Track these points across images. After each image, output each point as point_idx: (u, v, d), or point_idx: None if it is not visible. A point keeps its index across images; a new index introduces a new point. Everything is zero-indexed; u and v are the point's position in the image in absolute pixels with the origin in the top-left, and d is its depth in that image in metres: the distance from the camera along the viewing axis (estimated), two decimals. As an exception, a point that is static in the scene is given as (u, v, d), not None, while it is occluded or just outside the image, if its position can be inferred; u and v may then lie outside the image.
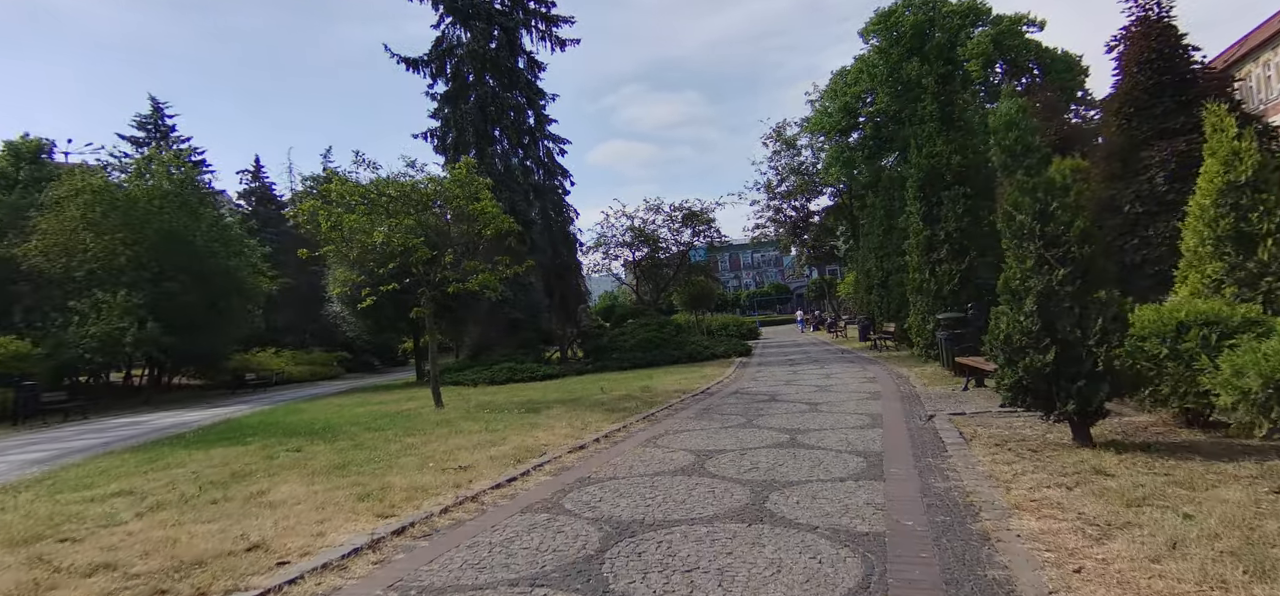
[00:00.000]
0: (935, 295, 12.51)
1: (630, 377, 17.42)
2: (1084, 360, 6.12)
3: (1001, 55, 44.16)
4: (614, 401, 11.58)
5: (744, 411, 9.81)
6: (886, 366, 15.76)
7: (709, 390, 13.07)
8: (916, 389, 11.19)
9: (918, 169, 13.05)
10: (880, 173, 35.70)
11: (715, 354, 22.48)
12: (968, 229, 12.32)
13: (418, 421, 10.52)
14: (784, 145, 50.46)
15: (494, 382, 19.51)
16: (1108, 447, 6.10)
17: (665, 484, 5.71)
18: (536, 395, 14.22)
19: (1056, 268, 6.30)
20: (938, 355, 12.72)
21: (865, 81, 46.11)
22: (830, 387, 12.18)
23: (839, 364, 17.45)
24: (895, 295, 18.90)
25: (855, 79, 47.46)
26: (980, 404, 9.27)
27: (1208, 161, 8.91)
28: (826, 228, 52.16)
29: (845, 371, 15.13)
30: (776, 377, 14.93)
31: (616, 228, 32.87)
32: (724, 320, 41.26)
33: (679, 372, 17.79)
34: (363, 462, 7.13)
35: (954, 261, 12.35)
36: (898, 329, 19.24)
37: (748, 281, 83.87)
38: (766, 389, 12.63)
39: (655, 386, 14.01)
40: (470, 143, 23.06)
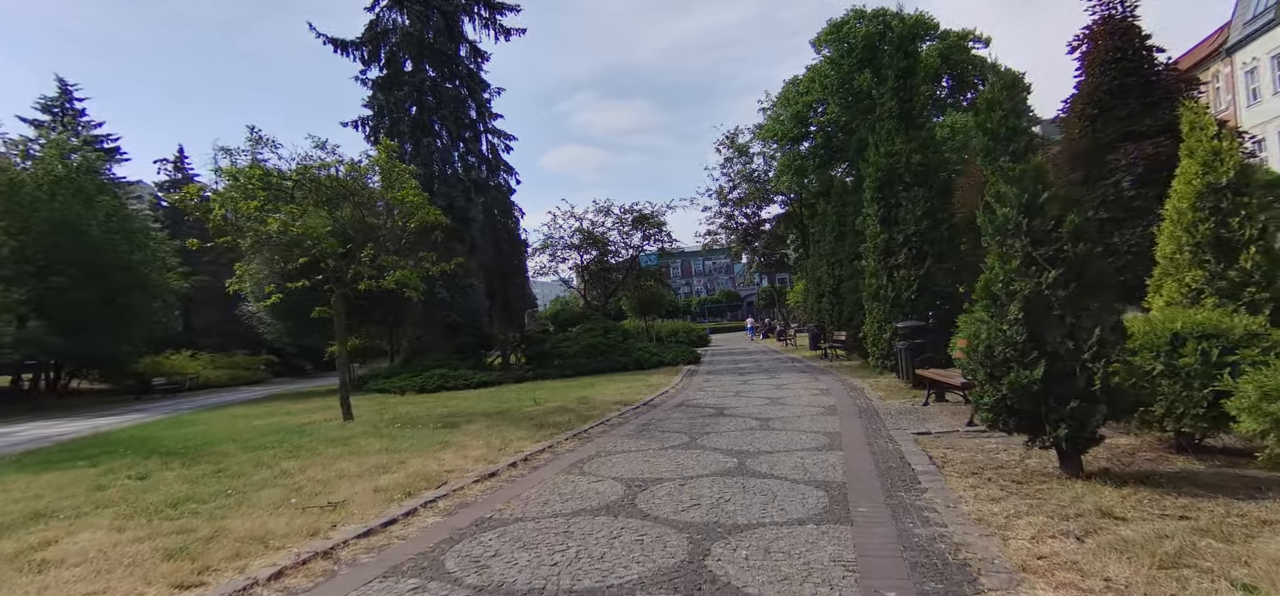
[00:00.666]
0: (893, 302, 11.74)
1: (570, 386, 16.15)
2: (1077, 377, 5.22)
3: (948, 69, 44.77)
4: (545, 415, 10.31)
5: (688, 428, 8.69)
6: (839, 377, 14.96)
7: (652, 402, 11.94)
8: (874, 403, 10.31)
9: (875, 168, 12.28)
10: (831, 182, 35.46)
11: (663, 361, 21.41)
12: (927, 232, 11.59)
13: (312, 438, 9.01)
14: (737, 152, 50.18)
15: (423, 390, 17.92)
16: (1103, 479, 5.21)
17: (584, 529, 4.51)
18: (464, 406, 12.81)
19: (1046, 269, 5.40)
20: (894, 366, 11.95)
21: (817, 91, 46.19)
22: (782, 400, 11.21)
23: (790, 373, 16.60)
24: (847, 303, 18.22)
25: (807, 88, 47.53)
26: (945, 421, 8.41)
27: (1185, 162, 8.29)
28: (777, 235, 52.04)
29: (797, 382, 14.24)
30: (725, 388, 13.92)
31: (564, 229, 31.54)
32: (674, 326, 40.35)
33: (623, 381, 16.62)
34: (209, 497, 5.68)
35: (913, 266, 11.59)
36: (849, 337, 18.56)
37: (699, 288, 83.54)
38: (714, 401, 11.58)
39: (595, 397, 12.79)
40: (405, 133, 21.40)
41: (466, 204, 21.59)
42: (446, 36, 22.67)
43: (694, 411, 10.37)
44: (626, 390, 14.03)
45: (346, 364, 11.72)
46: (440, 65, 22.75)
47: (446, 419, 10.44)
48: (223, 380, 33.79)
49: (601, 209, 31.60)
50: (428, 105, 22.08)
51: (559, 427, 8.96)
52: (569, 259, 32.39)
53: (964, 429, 7.76)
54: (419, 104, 21.86)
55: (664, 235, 31.98)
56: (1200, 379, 5.59)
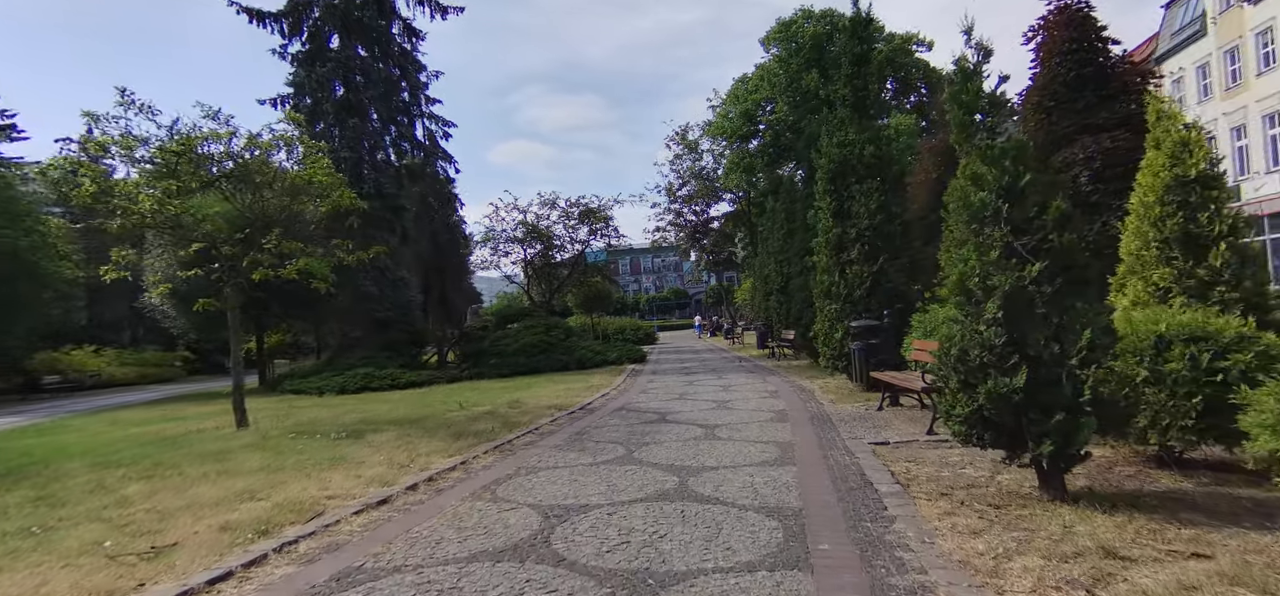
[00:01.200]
0: (845, 299, 11.11)
1: (505, 387, 15.01)
2: (1063, 385, 4.54)
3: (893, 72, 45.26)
4: (468, 422, 9.19)
5: (626, 438, 7.75)
6: (788, 378, 14.33)
7: (590, 406, 10.96)
8: (826, 408, 9.62)
9: (828, 159, 11.65)
10: (779, 180, 35.26)
11: (607, 360, 20.44)
12: (880, 227, 11.01)
13: (184, 452, 7.65)
14: (686, 148, 49.68)
15: (344, 391, 16.43)
16: (1089, 503, 4.54)
17: (477, 583, 3.51)
18: (380, 410, 11.54)
19: (1028, 262, 4.69)
20: (846, 367, 11.33)
21: (765, 89, 46.08)
22: (729, 403, 10.42)
23: (738, 374, 15.90)
24: (796, 301, 17.69)
25: (756, 86, 47.38)
26: (902, 428, 7.74)
27: (1151, 154, 7.84)
28: (726, 234, 51.80)
29: (745, 383, 13.52)
30: (670, 389, 13.07)
31: (507, 222, 30.14)
32: (621, 324, 39.49)
33: (563, 381, 15.57)
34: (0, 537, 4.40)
35: (866, 262, 10.99)
36: (798, 336, 18.02)
37: (648, 286, 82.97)
38: (657, 405, 10.69)
39: (528, 400, 11.72)
40: (329, 113, 19.70)
41: (397, 191, 20.08)
42: (376, 11, 21.04)
43: (634, 417, 9.45)
44: (564, 392, 13.00)
45: (241, 364, 10.28)
46: (370, 42, 21.11)
47: (354, 427, 9.19)
48: (130, 378, 31.00)
49: (546, 202, 30.38)
50: (355, 85, 20.43)
51: (480, 437, 7.88)
52: (512, 253, 31.04)
53: (924, 437, 7.09)
54: (346, 83, 20.21)
55: (611, 230, 30.99)
56: (1188, 386, 5.02)
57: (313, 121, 19.76)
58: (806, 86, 43.28)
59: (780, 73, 44.32)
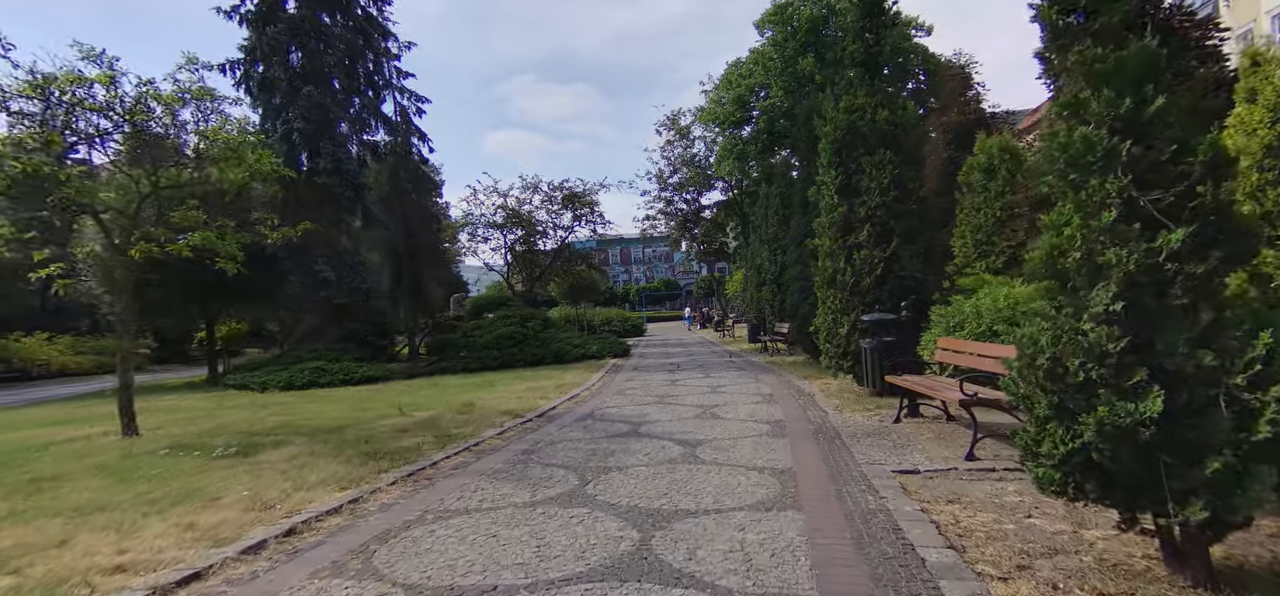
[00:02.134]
0: (852, 289, 9.50)
1: (466, 385, 13.34)
2: (1220, 414, 2.95)
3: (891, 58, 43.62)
4: (394, 434, 7.51)
5: (583, 460, 6.11)
6: (783, 376, 12.73)
7: (553, 411, 9.31)
8: (830, 417, 8.02)
9: (834, 125, 10.01)
10: (773, 169, 33.60)
11: (587, 353, 18.79)
12: (893, 205, 9.39)
13: (17, 473, 5.94)
14: (677, 134, 47.91)
15: (291, 387, 14.70)
16: (1241, 590, 2.95)
17: None
18: (308, 413, 9.85)
19: (1163, 228, 3.07)
20: (851, 366, 9.73)
21: (759, 74, 44.32)
22: (717, 410, 8.80)
23: (728, 372, 14.29)
24: (792, 292, 16.09)
25: (749, 70, 45.58)
26: (930, 448, 6.14)
27: (1242, 110, 6.30)
28: (717, 223, 50.14)
29: (735, 383, 11.91)
30: (650, 390, 11.44)
31: (486, 206, 28.41)
32: (608, 314, 37.82)
33: (532, 378, 13.91)
34: None
35: (877, 246, 9.37)
36: (793, 330, 16.43)
37: (638, 276, 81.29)
38: (632, 412, 9.05)
39: (484, 402, 10.05)
40: (281, 80, 17.86)
41: (358, 168, 18.26)
42: (337, -30, 19.17)
43: (601, 429, 7.80)
44: (528, 392, 11.34)
45: (130, 360, 8.58)
46: (330, 4, 19.23)
47: (259, 437, 7.51)
48: (85, 368, 29.12)
49: (528, 185, 28.68)
50: (313, 50, 18.57)
51: (398, 458, 6.22)
52: (492, 239, 29.31)
53: (963, 464, 5.48)
54: (302, 48, 18.34)
55: (596, 216, 29.28)
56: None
57: (267, 91, 17.94)
58: (802, 71, 41.59)
59: (775, 57, 42.59)
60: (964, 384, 5.77)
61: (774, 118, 43.93)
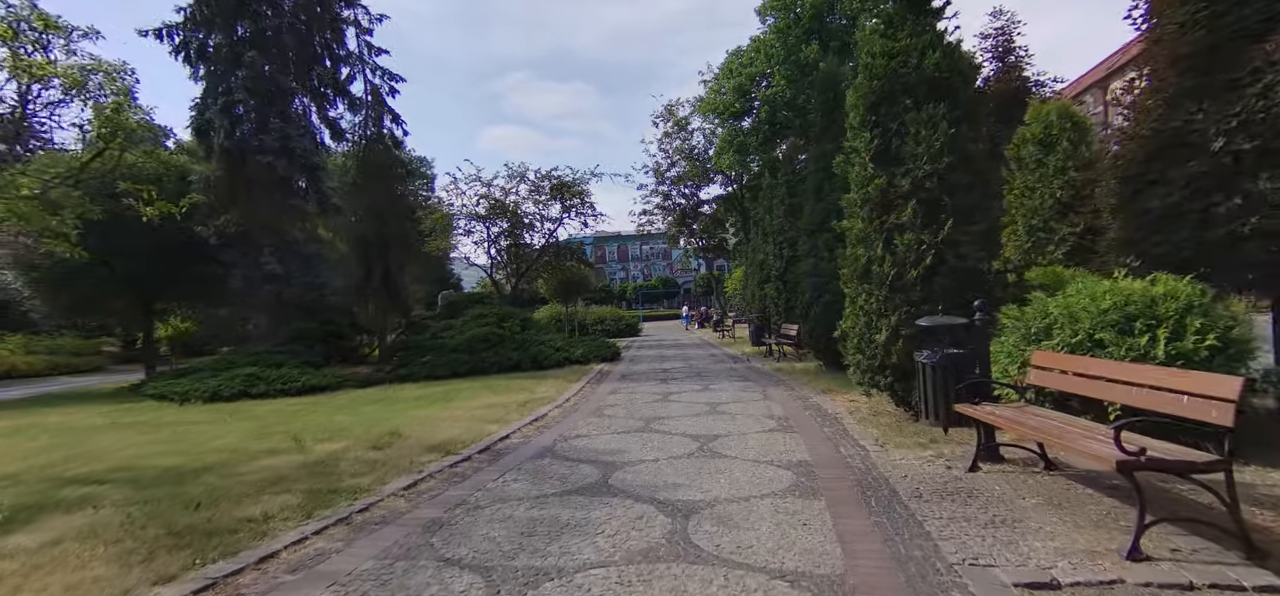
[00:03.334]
0: (892, 284, 7.27)
1: (418, 398, 11.11)
2: None
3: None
4: (260, 488, 5.27)
5: (510, 550, 3.88)
6: (796, 389, 10.50)
7: (502, 443, 7.05)
8: (873, 456, 5.79)
9: (869, 75, 7.77)
10: (775, 163, 31.32)
11: (571, 358, 16.55)
12: (947, 174, 7.16)
13: None
14: (675, 126, 45.66)
15: (217, 397, 12.44)
16: None
17: None
18: (197, 442, 7.60)
19: None
20: (890, 383, 7.48)
21: (761, 63, 42.08)
22: (718, 444, 6.57)
23: (730, 382, 12.06)
24: (803, 289, 13.87)
25: (750, 59, 43.33)
26: (1048, 527, 3.90)
27: None
28: (717, 219, 47.85)
29: (741, 401, 9.67)
30: (635, 409, 9.20)
31: (468, 196, 26.13)
32: (602, 313, 35.66)
33: (500, 390, 11.67)
34: None
35: (926, 228, 7.13)
36: (803, 332, 14.18)
37: (635, 274, 79.04)
38: (606, 445, 6.81)
39: (415, 431, 7.78)
40: (222, 48, 15.56)
41: (310, 149, 15.98)
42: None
43: (557, 477, 5.56)
44: (486, 411, 9.09)
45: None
46: (283, -36, 16.94)
47: (53, 492, 5.26)
48: (38, 368, 26.80)
49: (515, 174, 26.37)
50: (262, 17, 16.27)
51: (218, 543, 3.97)
52: (475, 232, 27.04)
53: (1131, 572, 3.25)
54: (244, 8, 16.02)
55: (587, 208, 27.00)
56: None
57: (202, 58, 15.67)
58: (805, 59, 39.34)
59: (777, 44, 40.37)
60: (1120, 433, 3.52)
61: (776, 108, 41.69)
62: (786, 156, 19.81)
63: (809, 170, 13.81)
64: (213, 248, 15.42)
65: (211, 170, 15.55)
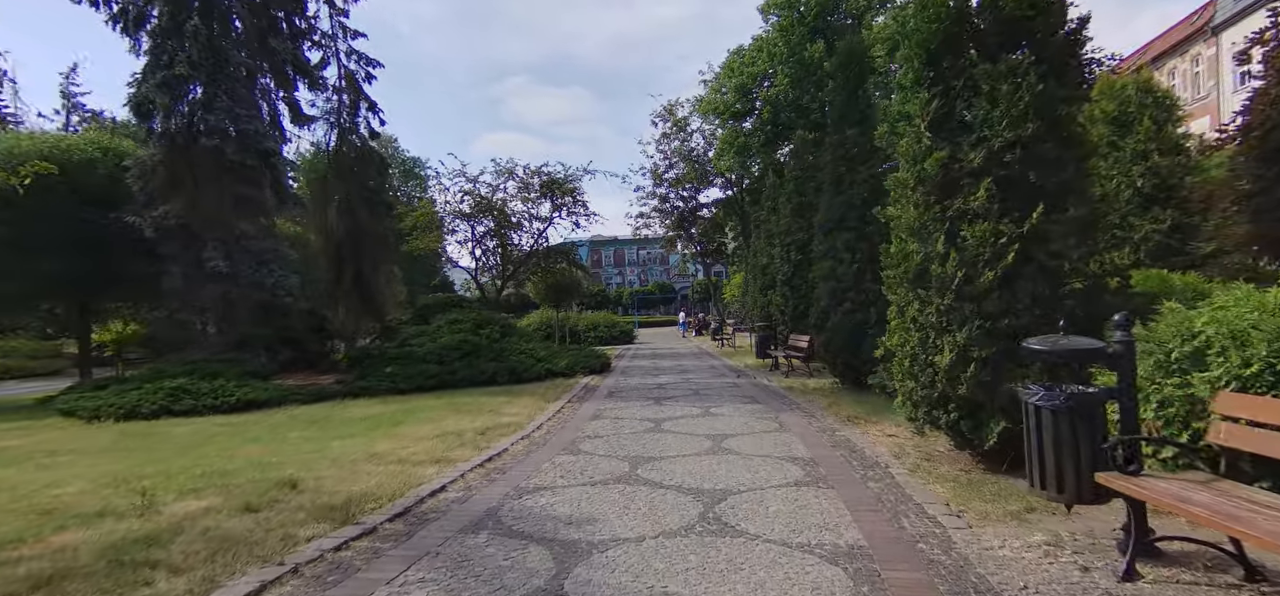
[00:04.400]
0: (959, 290, 5.40)
1: (364, 420, 9.19)
2: None
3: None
4: (22, 590, 3.35)
5: None
6: (818, 416, 8.61)
7: (430, 500, 5.14)
8: (957, 541, 3.92)
9: (926, 17, 5.89)
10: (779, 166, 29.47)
11: (554, 370, 14.64)
12: (1034, 144, 5.31)
13: None
14: (674, 126, 43.88)
15: (136, 414, 10.49)
16: None
17: None
18: (44, 481, 5.68)
19: None
20: (955, 420, 5.59)
21: (763, 62, 40.39)
22: (727, 510, 4.69)
23: (734, 404, 10.17)
24: (819, 294, 11.99)
25: (752, 58, 41.64)
26: None
27: None
28: (716, 223, 45.97)
29: (752, 435, 7.79)
30: (618, 444, 7.30)
31: (451, 192, 24.27)
32: (595, 319, 33.76)
33: (462, 412, 9.75)
34: None
35: (1006, 215, 5.28)
36: (818, 345, 12.30)
37: (632, 279, 77.12)
38: (571, 508, 4.91)
39: (317, 476, 5.84)
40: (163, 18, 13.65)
41: (261, 132, 14.07)
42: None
43: (484, 580, 3.65)
44: (428, 446, 7.16)
45: None
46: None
47: None
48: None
49: (502, 171, 24.48)
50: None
51: None
52: (459, 231, 25.14)
53: None
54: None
55: (579, 207, 25.11)
56: None
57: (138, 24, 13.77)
58: (809, 58, 37.62)
59: (780, 42, 38.67)
60: None
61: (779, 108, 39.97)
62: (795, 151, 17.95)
63: (826, 159, 11.94)
64: (150, 242, 13.49)
65: (149, 154, 13.63)
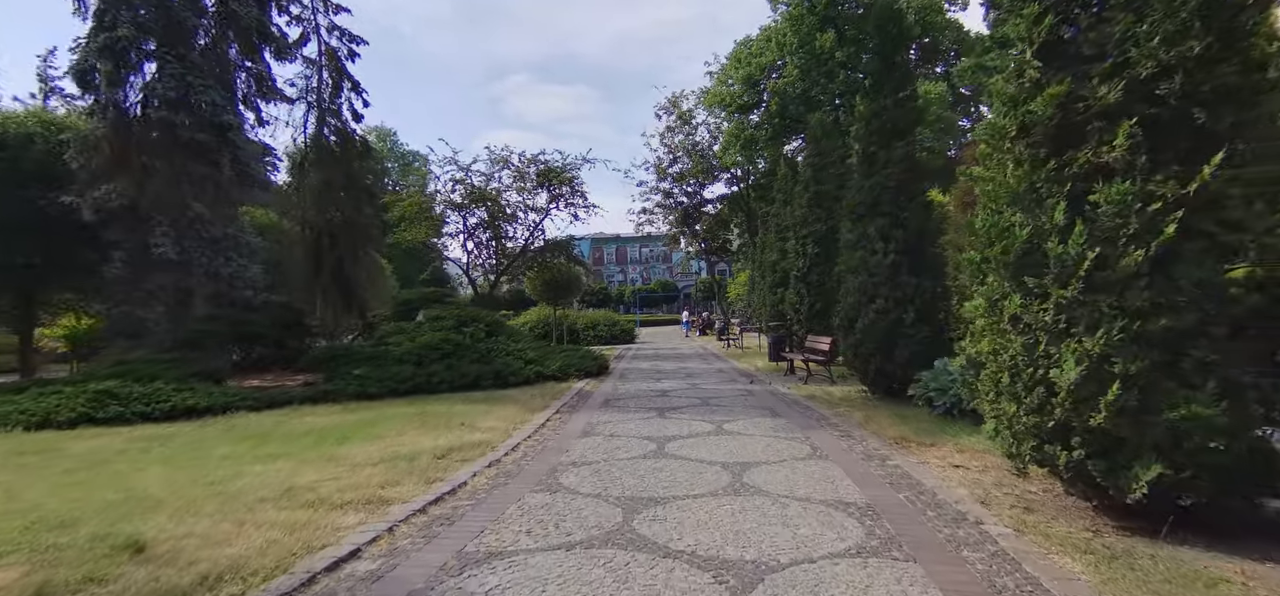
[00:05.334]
0: (1089, 279, 3.75)
1: (301, 435, 7.56)
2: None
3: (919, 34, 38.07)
4: None
5: None
6: (855, 435, 6.95)
7: (322, 580, 3.50)
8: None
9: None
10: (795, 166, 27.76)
11: (544, 372, 13.01)
12: (1200, 69, 3.68)
13: None
14: (679, 120, 42.22)
15: (50, 423, 8.88)
16: None
17: None
18: None
19: None
20: (1076, 456, 3.97)
21: (772, 52, 38.73)
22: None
23: (751, 417, 8.52)
24: (848, 290, 10.34)
25: (760, 49, 40.00)
26: None
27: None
28: (721, 219, 44.26)
29: (778, 457, 6.17)
30: (610, 477, 5.68)
31: (442, 181, 22.65)
32: (595, 317, 32.14)
33: (430, 425, 8.13)
34: None
35: (1157, 171, 3.65)
36: (845, 350, 10.65)
37: (634, 277, 75.44)
38: (528, 594, 3.25)
39: (184, 533, 4.20)
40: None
41: (220, 103, 12.42)
42: None
43: None
44: (369, 474, 5.52)
45: None
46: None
47: None
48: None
49: (496, 159, 22.83)
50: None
51: None
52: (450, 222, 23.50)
53: None
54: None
55: (578, 198, 23.44)
56: None
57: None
58: (820, 48, 35.96)
59: (789, 32, 37.00)
60: None
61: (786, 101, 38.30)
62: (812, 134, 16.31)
63: (860, 131, 10.29)
64: (94, 226, 11.90)
65: (92, 127, 12.04)
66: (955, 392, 7.76)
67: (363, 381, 11.41)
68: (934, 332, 9.47)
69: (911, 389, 8.93)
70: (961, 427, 7.09)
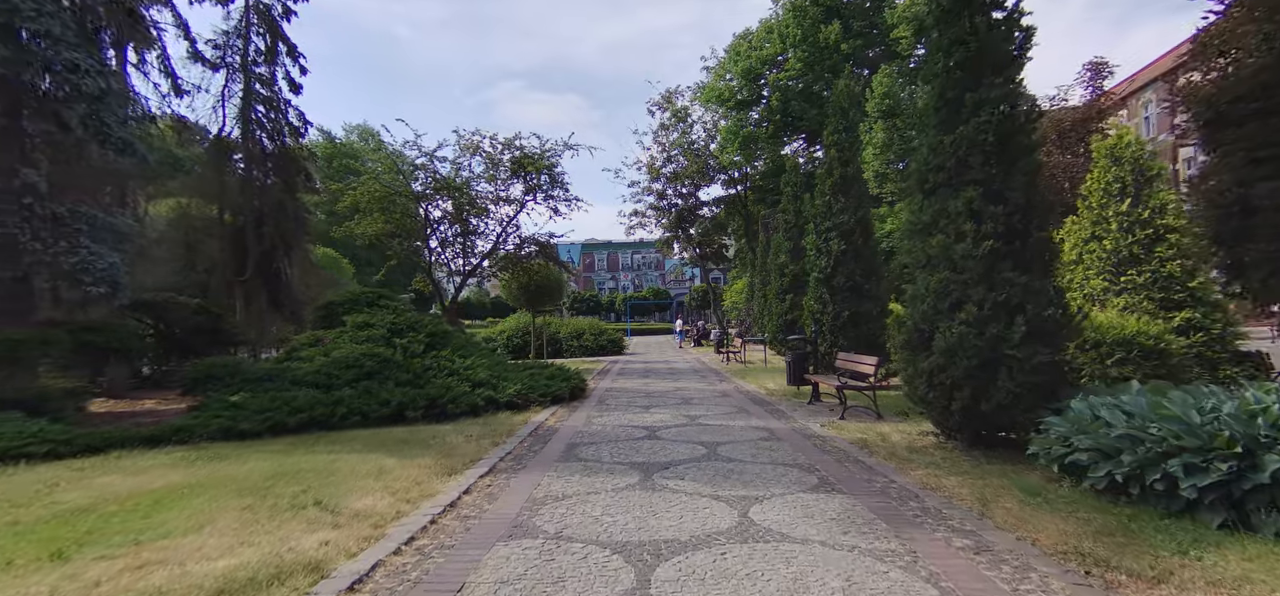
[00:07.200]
0: None
1: (31, 526, 4.14)
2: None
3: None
4: None
5: None
6: (994, 548, 3.64)
7: None
8: None
9: None
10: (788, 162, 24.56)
11: (496, 399, 9.65)
12: None
13: None
14: (673, 117, 39.03)
15: None
16: None
17: None
18: None
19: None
20: None
21: (773, 45, 35.65)
22: None
23: (793, 494, 5.25)
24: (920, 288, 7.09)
25: (760, 42, 36.89)
26: None
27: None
28: (717, 223, 41.04)
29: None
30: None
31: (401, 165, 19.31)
32: (580, 326, 28.82)
33: (281, 504, 4.79)
34: None
35: None
36: (916, 380, 7.37)
37: (625, 284, 72.12)
38: None
39: None
40: None
41: (74, 42, 9.01)
42: None
43: None
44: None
45: None
46: None
47: None
48: None
49: (466, 145, 19.54)
50: None
51: None
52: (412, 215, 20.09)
53: None
54: None
55: (559, 189, 20.14)
56: None
57: None
58: (825, 40, 32.93)
59: (792, 24, 33.98)
60: None
61: (788, 97, 35.24)
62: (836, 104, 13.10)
63: (935, 68, 7.07)
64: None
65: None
66: (1140, 459, 4.51)
67: (235, 414, 8.00)
68: (1054, 355, 6.27)
69: (1032, 442, 5.70)
70: (1178, 530, 3.84)
